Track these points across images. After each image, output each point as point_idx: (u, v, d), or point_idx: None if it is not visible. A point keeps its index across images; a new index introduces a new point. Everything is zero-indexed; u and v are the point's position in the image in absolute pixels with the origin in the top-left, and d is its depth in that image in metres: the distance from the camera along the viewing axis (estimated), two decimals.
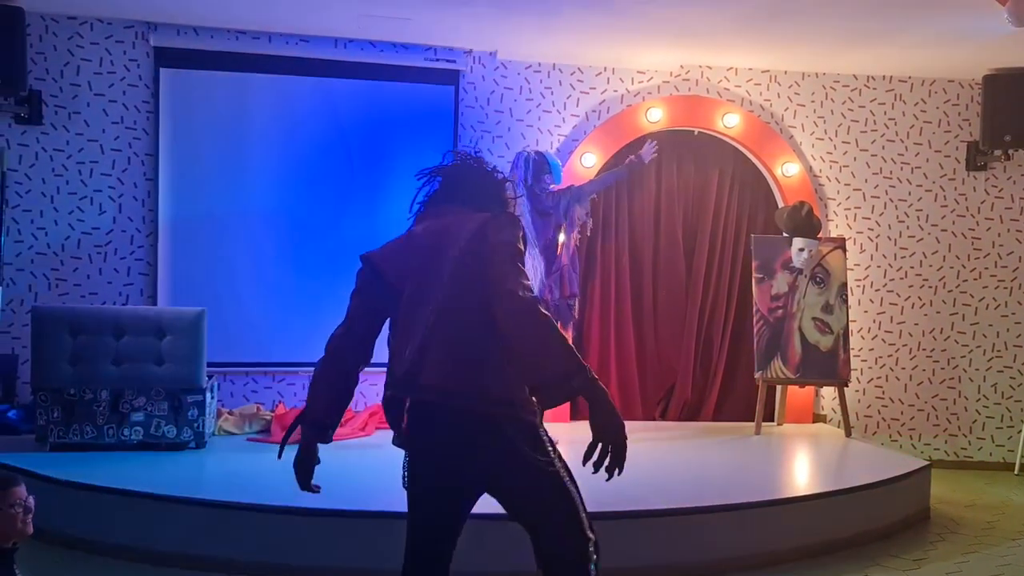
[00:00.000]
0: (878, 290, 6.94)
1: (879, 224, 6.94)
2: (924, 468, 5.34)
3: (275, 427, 5.76)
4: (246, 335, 6.17)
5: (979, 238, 6.97)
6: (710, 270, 6.81)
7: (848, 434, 6.35)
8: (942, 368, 6.95)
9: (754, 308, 6.47)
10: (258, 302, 6.21)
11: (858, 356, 6.84)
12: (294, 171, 6.29)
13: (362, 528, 4.01)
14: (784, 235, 6.54)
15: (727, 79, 6.82)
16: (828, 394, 6.83)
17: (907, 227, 6.95)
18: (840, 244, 6.60)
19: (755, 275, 6.50)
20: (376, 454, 5.19)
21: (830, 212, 6.90)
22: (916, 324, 6.95)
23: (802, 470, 5.85)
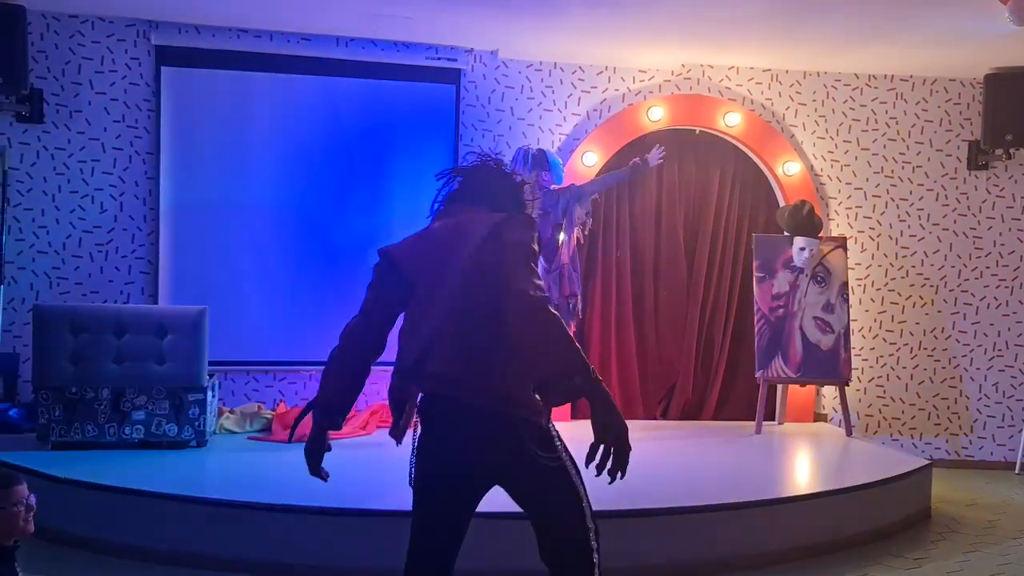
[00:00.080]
0: (879, 289, 6.94)
1: (880, 223, 6.93)
2: (925, 467, 5.34)
3: (276, 426, 5.76)
4: (247, 334, 6.18)
5: (980, 237, 6.96)
6: (711, 269, 6.81)
7: (849, 433, 6.35)
8: (943, 367, 6.95)
9: (755, 307, 6.47)
10: (259, 301, 6.22)
11: (859, 355, 6.84)
12: (295, 170, 6.29)
13: (364, 526, 4.01)
14: (785, 234, 6.54)
15: (728, 78, 6.81)
16: (829, 393, 6.83)
17: (908, 226, 6.95)
18: (841, 243, 6.60)
19: (756, 274, 6.50)
20: (377, 453, 5.18)
21: (831, 211, 6.90)
22: (917, 323, 6.95)
23: (803, 469, 5.85)
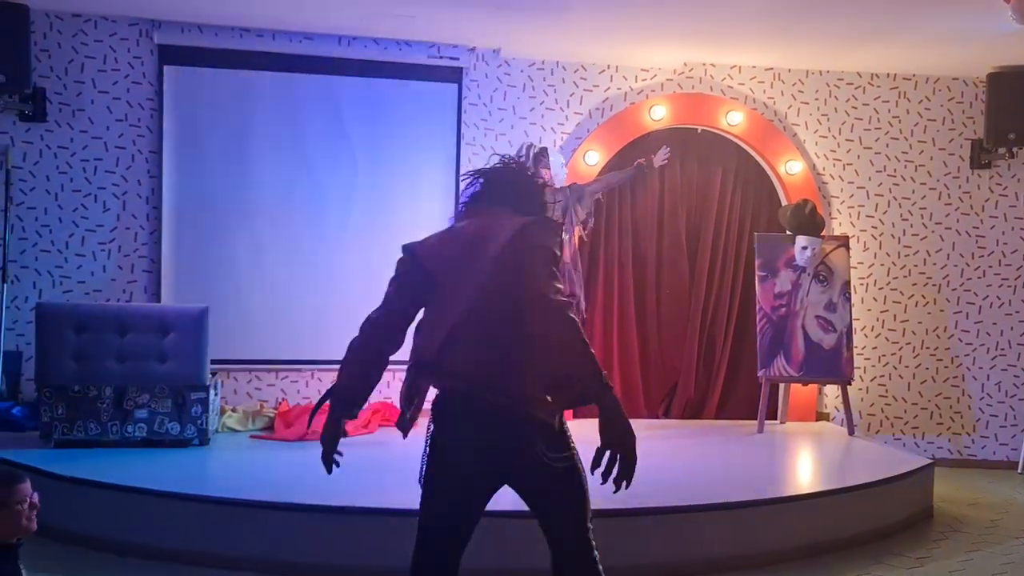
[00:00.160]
0: (881, 288, 6.93)
1: (882, 222, 6.93)
2: (927, 467, 5.34)
3: (278, 424, 5.77)
4: (249, 332, 6.18)
5: (983, 236, 6.96)
6: (713, 268, 6.81)
7: (851, 432, 6.35)
8: (945, 367, 6.94)
9: (757, 306, 6.47)
10: (261, 300, 6.22)
11: (861, 354, 6.84)
12: (298, 168, 6.29)
13: (366, 525, 4.01)
14: (787, 233, 6.53)
15: (731, 77, 6.81)
16: (831, 392, 6.83)
17: (911, 225, 6.94)
18: (843, 242, 6.59)
19: (758, 273, 6.50)
20: (379, 452, 5.17)
21: (833, 210, 6.89)
22: (919, 322, 6.94)
23: (805, 468, 5.85)
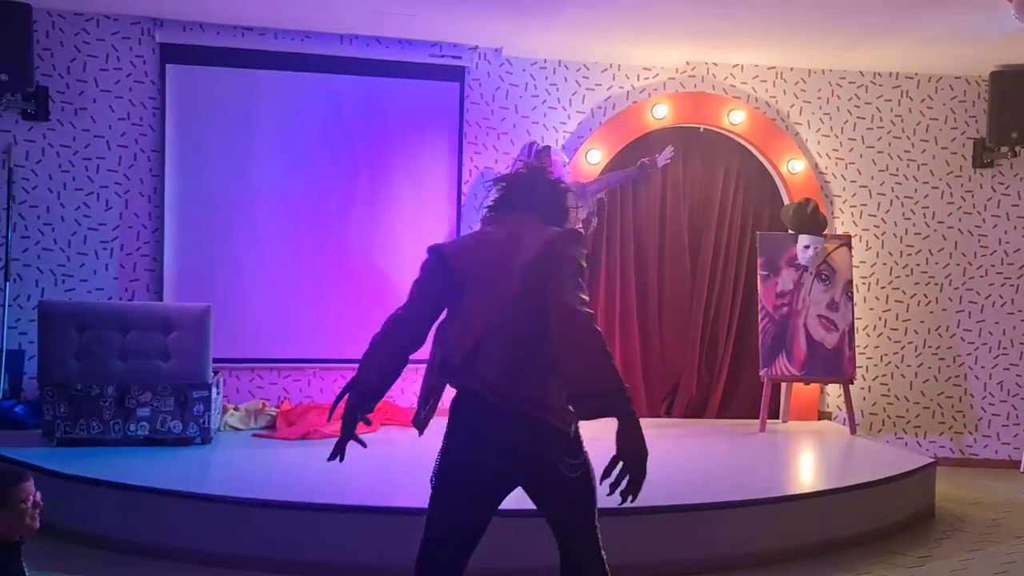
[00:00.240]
0: (884, 287, 6.93)
1: (885, 221, 6.92)
2: (929, 466, 5.33)
3: (280, 423, 5.77)
4: (251, 331, 6.18)
5: (985, 235, 6.95)
6: (715, 267, 6.80)
7: (853, 432, 6.34)
8: (948, 366, 6.94)
9: (759, 305, 6.46)
10: (263, 298, 6.22)
11: (863, 353, 6.83)
12: (299, 167, 6.30)
13: (368, 523, 4.01)
14: (790, 232, 6.53)
15: (733, 76, 6.80)
16: (833, 391, 6.83)
17: (913, 224, 6.93)
18: (846, 241, 6.59)
19: (760, 272, 6.49)
20: (382, 451, 5.16)
21: (836, 209, 6.89)
22: (922, 321, 6.94)
23: (807, 468, 5.84)
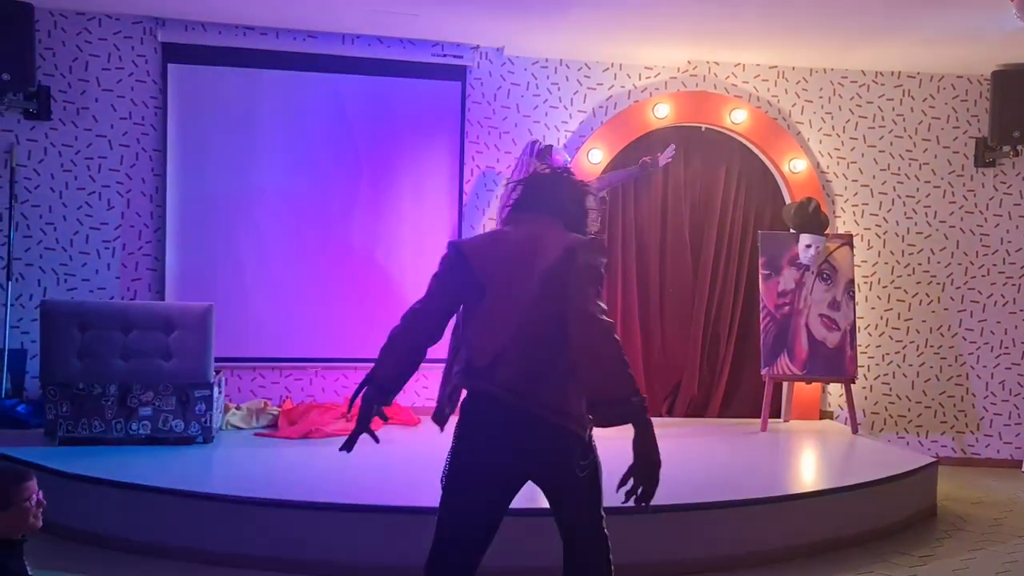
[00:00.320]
0: (885, 287, 6.92)
1: (887, 220, 6.92)
2: (931, 465, 5.33)
3: (282, 422, 5.77)
4: (253, 330, 6.18)
5: (987, 234, 6.94)
6: (717, 266, 6.80)
7: (855, 431, 6.34)
8: (949, 365, 6.94)
9: (761, 304, 6.46)
10: (265, 297, 6.23)
11: (865, 353, 6.83)
12: (301, 167, 6.30)
13: (371, 522, 4.02)
14: (791, 231, 6.53)
15: (734, 75, 6.80)
16: (835, 391, 6.82)
17: (915, 223, 6.93)
18: (847, 240, 6.59)
19: (762, 271, 6.49)
20: (384, 450, 5.17)
21: (837, 208, 6.88)
22: (923, 321, 6.93)
23: (808, 467, 5.84)
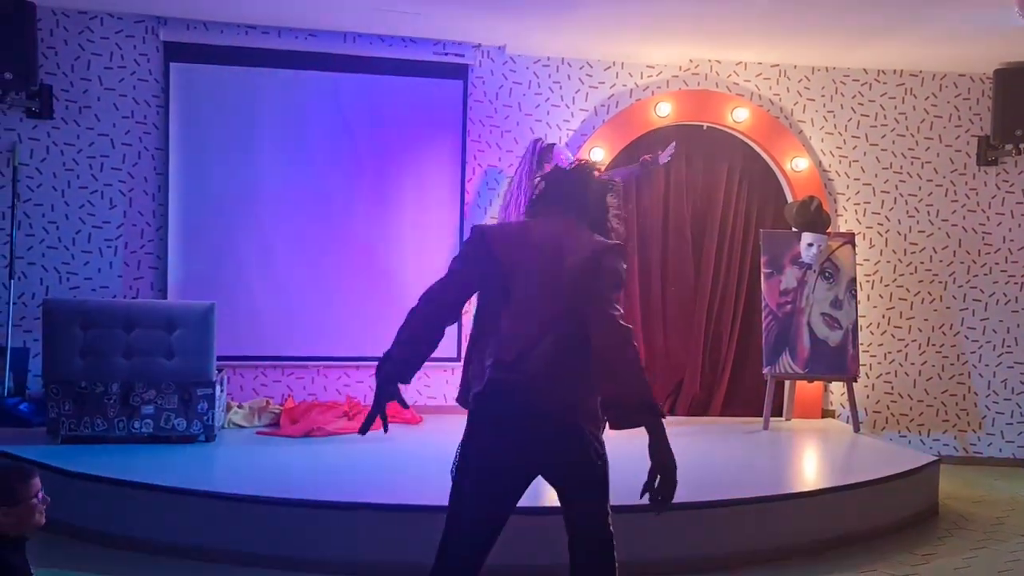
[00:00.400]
0: (887, 285, 6.92)
1: (889, 219, 6.91)
2: (933, 464, 5.33)
3: (284, 420, 5.78)
4: (256, 329, 6.18)
5: (989, 233, 6.94)
6: (719, 265, 6.80)
7: (857, 429, 6.34)
8: (951, 364, 6.93)
9: (763, 303, 6.46)
10: (267, 296, 6.23)
11: (867, 351, 6.83)
12: (303, 165, 6.30)
13: (372, 521, 4.02)
14: (793, 230, 6.53)
15: (736, 73, 6.80)
16: (837, 389, 6.82)
17: (917, 222, 6.92)
18: (849, 239, 6.58)
19: (764, 270, 6.49)
20: (386, 448, 5.19)
21: (839, 207, 6.88)
22: (926, 319, 6.93)
23: (810, 465, 5.85)
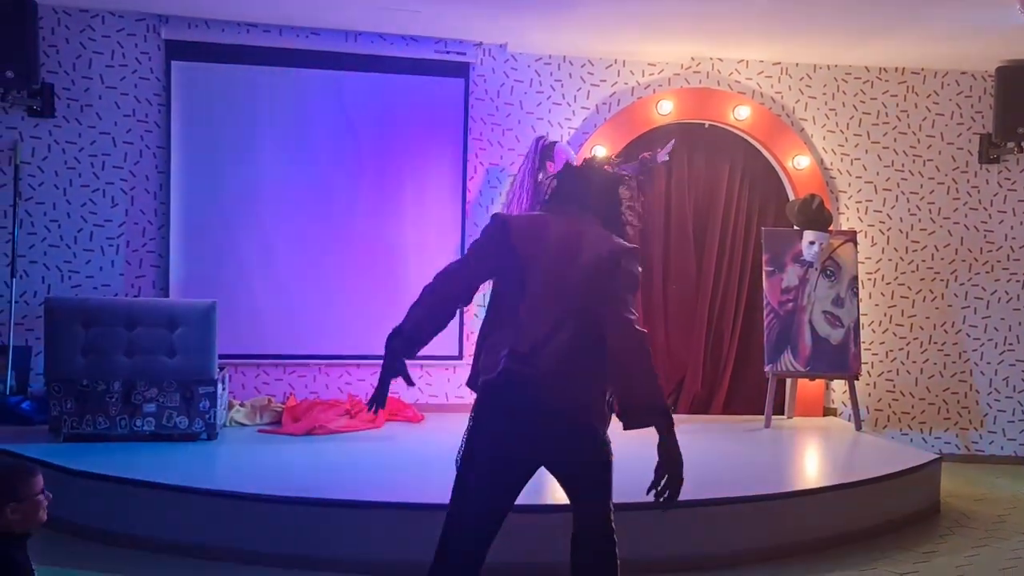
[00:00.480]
0: (889, 283, 6.92)
1: (890, 217, 6.91)
2: (934, 462, 5.33)
3: (286, 418, 5.78)
4: (257, 327, 6.19)
5: (991, 231, 6.93)
6: (720, 263, 6.79)
7: (858, 428, 6.34)
8: (953, 362, 6.93)
9: (764, 301, 6.46)
10: (269, 294, 6.23)
11: (869, 349, 6.83)
12: (304, 164, 6.30)
13: (374, 518, 4.03)
14: (795, 228, 6.52)
15: (738, 71, 6.79)
16: (838, 387, 6.82)
17: (919, 220, 6.92)
18: (851, 237, 6.58)
19: (765, 268, 6.49)
20: (387, 446, 5.20)
21: (841, 205, 6.87)
22: (927, 317, 6.93)
23: (812, 463, 5.85)
